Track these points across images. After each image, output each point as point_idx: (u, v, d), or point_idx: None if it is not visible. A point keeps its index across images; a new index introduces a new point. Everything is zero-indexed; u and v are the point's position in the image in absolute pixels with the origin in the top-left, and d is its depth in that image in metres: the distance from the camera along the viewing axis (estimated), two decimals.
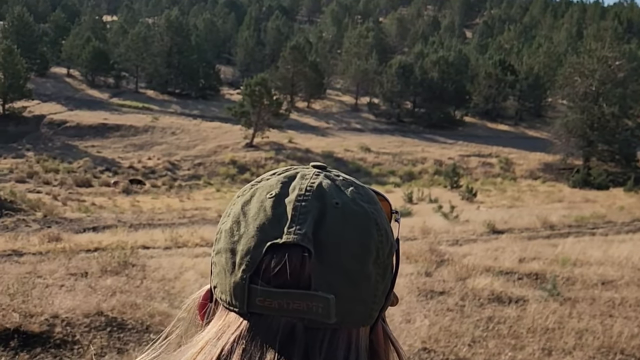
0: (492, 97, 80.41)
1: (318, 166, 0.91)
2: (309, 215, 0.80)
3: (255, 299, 0.79)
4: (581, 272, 10.88)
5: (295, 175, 0.88)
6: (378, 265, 0.82)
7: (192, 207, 32.08)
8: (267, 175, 0.91)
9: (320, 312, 0.77)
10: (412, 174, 57.32)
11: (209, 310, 0.89)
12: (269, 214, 0.82)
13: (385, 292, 0.86)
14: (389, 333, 0.90)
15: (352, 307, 0.80)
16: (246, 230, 0.82)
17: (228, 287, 0.82)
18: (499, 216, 21.93)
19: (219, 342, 0.80)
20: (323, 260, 0.78)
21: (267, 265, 0.79)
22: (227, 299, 0.82)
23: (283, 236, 0.79)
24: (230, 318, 0.82)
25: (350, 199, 0.84)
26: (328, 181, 0.86)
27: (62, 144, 62.02)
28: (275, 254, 0.78)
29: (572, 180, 50.74)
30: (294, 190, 0.84)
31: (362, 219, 0.82)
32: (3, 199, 26.65)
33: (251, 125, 63.69)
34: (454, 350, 6.65)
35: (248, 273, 0.79)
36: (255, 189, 0.87)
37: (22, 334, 6.59)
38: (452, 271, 10.80)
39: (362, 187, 0.89)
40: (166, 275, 10.78)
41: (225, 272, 0.83)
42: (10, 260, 12.81)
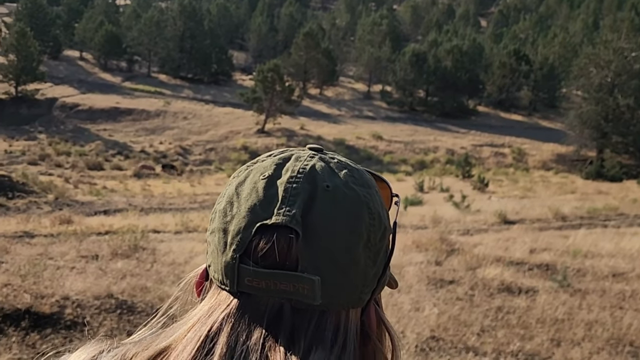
0: (506, 86, 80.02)
1: (314, 148, 0.91)
2: (299, 198, 0.80)
3: (244, 279, 0.79)
4: (592, 263, 10.85)
5: (290, 157, 0.88)
6: (369, 249, 0.82)
7: (203, 192, 32.14)
8: (263, 156, 0.92)
9: (306, 294, 0.77)
10: (424, 163, 57.25)
11: (205, 289, 0.90)
12: (261, 195, 0.82)
13: (378, 275, 0.85)
14: (382, 316, 0.90)
15: (340, 289, 0.80)
16: (238, 211, 0.82)
17: (220, 266, 0.83)
18: (510, 206, 21.86)
19: (208, 320, 0.80)
20: (310, 242, 0.78)
21: (256, 246, 0.79)
22: (219, 278, 0.83)
23: (272, 217, 0.79)
24: (222, 297, 0.83)
25: (342, 182, 0.83)
26: (322, 164, 0.86)
27: (74, 127, 62.25)
28: (264, 235, 0.79)
29: (585, 171, 50.54)
30: (286, 172, 0.84)
31: (353, 203, 0.82)
32: (15, 181, 26.78)
33: (263, 111, 63.74)
34: (463, 339, 6.64)
35: (238, 253, 0.80)
36: (250, 170, 0.88)
37: (33, 314, 6.63)
38: (462, 260, 10.79)
39: (357, 170, 0.88)
40: (176, 260, 10.83)
41: (217, 251, 0.83)
42: (22, 242, 12.88)
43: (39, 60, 71.16)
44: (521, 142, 66.32)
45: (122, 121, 65.15)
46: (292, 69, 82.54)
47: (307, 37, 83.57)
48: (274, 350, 0.76)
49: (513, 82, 79.68)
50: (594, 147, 58.54)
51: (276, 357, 0.75)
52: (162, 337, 0.82)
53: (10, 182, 26.25)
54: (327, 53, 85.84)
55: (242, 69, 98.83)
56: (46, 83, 71.81)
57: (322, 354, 0.77)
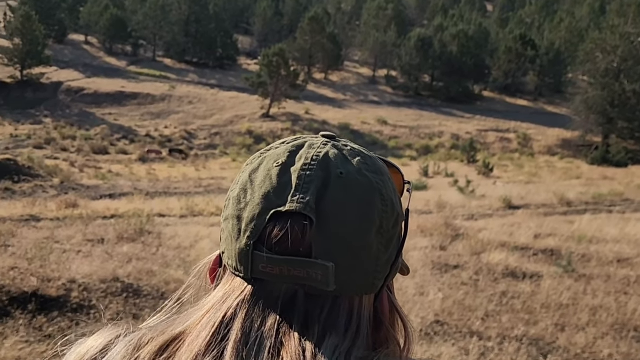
0: (512, 72, 79.82)
1: (327, 136, 0.91)
2: (313, 185, 0.81)
3: (258, 265, 0.80)
4: (597, 249, 10.85)
5: (304, 144, 0.88)
6: (381, 236, 0.82)
7: (208, 176, 32.17)
8: (277, 143, 0.92)
9: (319, 280, 0.78)
10: (429, 148, 57.20)
11: (219, 275, 0.90)
12: (275, 182, 0.82)
13: (390, 261, 0.86)
14: (395, 302, 0.91)
15: (353, 275, 0.80)
16: (252, 198, 0.83)
17: (234, 253, 0.83)
18: (515, 192, 21.85)
19: (223, 306, 0.81)
20: (324, 229, 0.79)
21: (270, 233, 0.80)
22: (233, 265, 0.84)
23: (286, 204, 0.80)
24: (236, 283, 0.84)
25: (355, 169, 0.84)
26: (335, 151, 0.86)
27: (80, 111, 62.29)
28: (278, 222, 0.80)
29: (591, 157, 50.47)
30: (300, 159, 0.84)
31: (366, 190, 0.82)
32: (21, 165, 26.82)
33: (268, 95, 63.70)
34: (467, 323, 6.66)
35: (252, 240, 0.80)
36: (264, 158, 0.88)
37: (40, 297, 6.66)
38: (467, 245, 10.80)
39: (370, 157, 0.89)
40: (182, 244, 10.86)
41: (231, 238, 0.84)
42: (29, 225, 12.93)
43: (44, 44, 71.13)
44: (527, 127, 66.19)
45: (128, 105, 65.17)
46: (297, 54, 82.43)
47: (313, 21, 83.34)
48: (289, 336, 0.76)
49: (519, 67, 79.45)
50: (599, 132, 58.41)
51: (291, 343, 0.76)
52: (177, 323, 0.83)
53: (16, 166, 26.30)
54: (333, 37, 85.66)
55: (247, 53, 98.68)
56: (51, 67, 71.83)
57: (336, 339, 0.77)
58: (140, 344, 0.80)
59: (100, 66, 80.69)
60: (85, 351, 0.84)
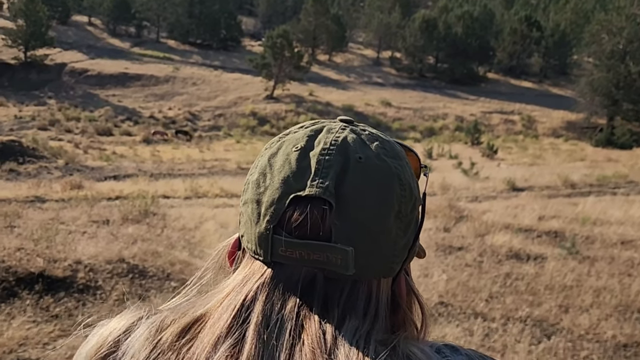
0: (517, 53, 79.53)
1: (345, 120, 0.92)
2: (332, 169, 0.81)
3: (278, 249, 0.80)
4: (601, 231, 10.86)
5: (322, 128, 0.88)
6: (400, 220, 0.83)
7: (212, 157, 32.19)
8: (295, 128, 0.92)
9: (339, 264, 0.78)
10: (433, 130, 57.13)
11: (237, 258, 0.91)
12: (294, 166, 0.83)
13: (408, 245, 0.87)
14: (412, 285, 0.92)
15: (372, 260, 0.81)
16: (271, 182, 0.84)
17: (253, 236, 0.84)
18: (519, 174, 21.84)
19: (243, 289, 0.82)
20: (343, 213, 0.79)
21: (290, 217, 0.80)
22: (252, 248, 0.85)
23: (306, 189, 0.80)
24: (255, 266, 0.84)
25: (374, 153, 0.84)
26: (353, 135, 0.86)
27: (84, 92, 62.26)
28: (297, 206, 0.80)
29: (595, 139, 50.37)
30: (319, 143, 0.85)
31: (385, 174, 0.83)
32: (26, 146, 26.87)
33: (272, 77, 63.57)
34: (471, 305, 6.69)
35: (272, 224, 0.81)
36: (282, 142, 0.89)
37: (47, 278, 6.70)
38: (471, 227, 10.81)
39: (388, 142, 0.89)
40: (186, 225, 10.89)
41: (251, 222, 0.85)
42: (34, 207, 12.97)
43: (48, 25, 70.98)
44: (531, 109, 66.04)
45: (131, 87, 65.10)
46: (301, 35, 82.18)
47: (317, 2, 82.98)
48: (309, 319, 0.77)
49: (524, 49, 79.17)
50: (604, 114, 58.25)
51: (311, 326, 0.77)
52: (198, 305, 0.84)
53: (21, 147, 26.35)
54: (337, 19, 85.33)
55: (251, 34, 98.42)
56: (55, 48, 71.71)
57: (356, 322, 0.78)
58: (162, 326, 0.81)
59: (103, 47, 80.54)
60: (109, 333, 0.84)
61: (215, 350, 0.76)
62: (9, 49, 68.98)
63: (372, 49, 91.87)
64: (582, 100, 59.47)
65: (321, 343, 0.75)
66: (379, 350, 0.76)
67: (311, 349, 0.74)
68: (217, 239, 9.60)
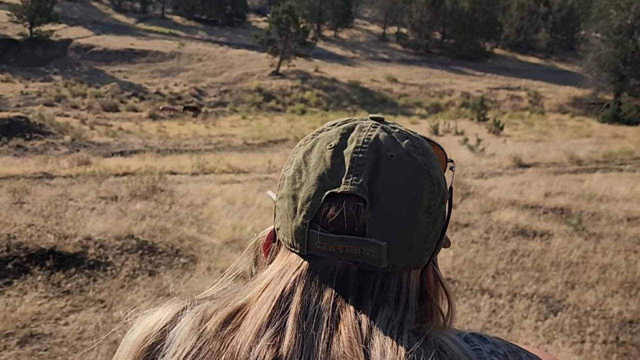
0: (524, 29, 79.01)
1: (376, 118, 0.95)
2: (365, 167, 0.85)
3: (314, 243, 0.84)
4: (607, 207, 10.87)
5: (354, 127, 0.92)
6: (429, 215, 0.87)
7: (218, 133, 32.17)
8: (327, 125, 0.95)
9: (373, 257, 0.82)
10: (439, 106, 56.91)
11: (272, 250, 0.96)
12: (328, 164, 0.87)
13: (436, 238, 0.90)
14: (439, 275, 0.96)
15: (403, 253, 0.85)
16: (307, 179, 0.87)
17: (290, 230, 0.88)
18: (525, 150, 21.81)
19: (282, 281, 0.86)
20: (377, 209, 0.83)
21: (325, 212, 0.84)
22: (288, 241, 0.89)
23: (341, 186, 0.84)
24: (292, 258, 0.88)
25: (404, 151, 0.88)
26: (384, 134, 0.90)
27: (89, 68, 62.17)
28: (333, 202, 0.84)
29: (602, 115, 50.12)
30: (352, 142, 0.88)
31: (415, 171, 0.86)
32: (32, 122, 26.92)
33: (277, 53, 63.35)
34: (478, 281, 6.74)
35: (308, 219, 0.85)
36: (316, 140, 0.92)
37: (57, 254, 6.77)
38: (477, 204, 10.84)
39: (417, 139, 0.92)
40: (194, 201, 10.94)
41: (287, 216, 0.89)
42: (42, 183, 13.04)
43: (53, 1, 70.66)
44: (538, 85, 65.75)
45: (137, 63, 64.97)
46: (306, 11, 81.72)
47: None
48: (345, 309, 0.81)
49: (531, 24, 78.63)
50: (611, 90, 57.89)
51: (347, 316, 0.80)
52: (239, 296, 0.88)
53: (28, 123, 26.42)
54: None
55: (257, 10, 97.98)
56: (60, 24, 71.49)
57: (389, 312, 0.82)
58: (205, 316, 0.84)
59: (109, 23, 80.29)
60: (155, 322, 0.88)
61: (257, 339, 0.80)
62: (15, 24, 68.80)
63: (378, 24, 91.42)
64: (589, 76, 59.09)
65: (357, 333, 0.79)
66: (412, 340, 0.79)
67: (348, 338, 0.78)
68: (225, 215, 9.67)
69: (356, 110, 51.82)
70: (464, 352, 0.80)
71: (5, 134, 24.02)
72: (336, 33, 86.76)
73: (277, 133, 31.97)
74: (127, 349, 0.88)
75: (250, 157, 19.81)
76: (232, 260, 6.90)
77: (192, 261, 7.19)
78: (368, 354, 0.77)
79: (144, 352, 0.86)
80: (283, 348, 0.78)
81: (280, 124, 39.50)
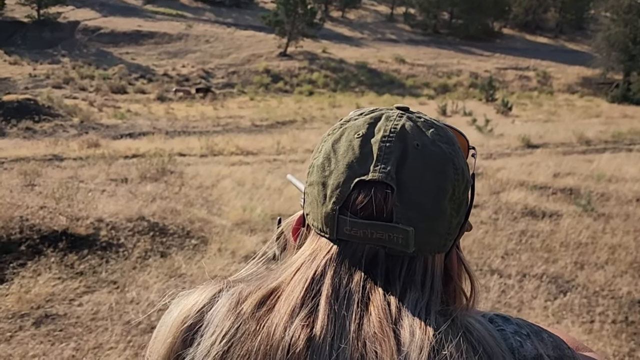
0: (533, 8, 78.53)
1: (401, 108, 0.99)
2: (392, 156, 0.89)
3: (343, 228, 0.89)
4: (616, 188, 10.87)
5: (381, 116, 0.96)
6: (453, 202, 0.91)
7: (226, 115, 32.14)
8: (355, 114, 1.00)
9: (400, 242, 0.86)
10: (447, 87, 56.67)
11: (301, 234, 1.01)
12: (357, 152, 0.91)
13: (460, 224, 0.95)
14: (462, 258, 1.00)
15: (429, 238, 0.89)
16: (336, 167, 0.91)
17: (319, 216, 0.93)
18: (534, 130, 21.75)
19: (313, 264, 0.90)
20: (404, 196, 0.87)
21: (354, 199, 0.89)
22: (318, 226, 0.93)
23: (369, 174, 0.88)
24: (322, 243, 0.93)
25: (430, 140, 0.91)
26: (410, 123, 0.94)
27: (97, 50, 62.09)
28: (362, 189, 0.88)
29: (611, 95, 49.86)
30: (379, 131, 0.92)
31: (440, 160, 0.90)
32: (41, 105, 26.97)
33: (285, 34, 63.12)
34: (487, 262, 6.77)
35: (338, 205, 0.89)
36: (344, 129, 0.96)
37: (70, 236, 6.83)
38: (486, 185, 10.86)
39: (442, 128, 0.96)
40: (204, 183, 10.99)
41: (317, 202, 0.93)
42: (52, 165, 13.11)
43: None
44: (546, 65, 65.40)
45: (144, 44, 64.85)
46: None
47: None
48: (374, 291, 0.86)
49: (540, 4, 78.16)
50: (620, 70, 57.51)
51: (377, 298, 0.85)
52: (271, 278, 0.92)
53: (36, 105, 26.46)
54: None
55: None
56: (67, 6, 71.29)
57: (416, 294, 0.86)
58: (241, 298, 0.88)
59: (116, 5, 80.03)
60: (192, 304, 0.92)
61: (291, 320, 0.83)
62: (22, 7, 68.66)
63: (385, 4, 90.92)
64: (598, 56, 58.73)
65: (387, 313, 0.83)
66: (439, 321, 0.83)
67: (378, 319, 0.82)
68: (235, 197, 9.72)
69: (364, 92, 51.72)
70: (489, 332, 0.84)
71: (14, 116, 24.09)
72: (344, 14, 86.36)
73: (285, 114, 31.93)
74: (166, 330, 0.91)
75: (258, 139, 19.82)
76: (243, 241, 6.95)
77: (203, 242, 7.24)
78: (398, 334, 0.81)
79: (182, 333, 0.89)
80: (316, 328, 0.82)
81: (288, 105, 39.44)
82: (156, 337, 0.93)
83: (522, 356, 0.84)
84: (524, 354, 0.84)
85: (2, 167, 12.64)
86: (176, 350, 0.89)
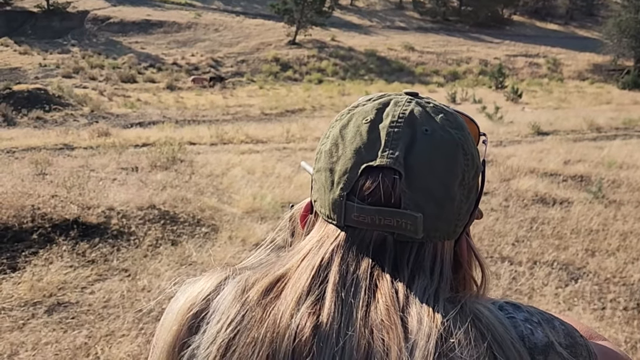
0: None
1: (410, 93, 0.97)
2: (401, 141, 0.87)
3: (351, 214, 0.87)
4: (627, 175, 10.82)
5: (389, 102, 0.94)
6: (463, 187, 0.89)
7: (236, 103, 32.15)
8: (363, 100, 0.98)
9: (409, 228, 0.85)
10: (456, 74, 56.53)
11: (309, 221, 1.00)
12: (365, 138, 0.89)
13: (470, 210, 0.93)
14: (472, 245, 0.98)
15: (438, 224, 0.87)
16: (344, 153, 0.90)
17: (327, 202, 0.91)
18: (544, 118, 21.66)
19: (320, 251, 0.89)
20: (412, 182, 0.85)
21: (362, 185, 0.87)
22: (326, 213, 0.92)
23: (377, 159, 0.86)
24: (329, 229, 0.91)
25: (439, 125, 0.90)
26: (419, 108, 0.92)
27: (106, 39, 62.20)
28: (369, 175, 0.87)
29: (622, 81, 49.58)
30: (387, 116, 0.91)
31: (449, 145, 0.88)
32: (51, 94, 27.04)
33: (294, 22, 63.07)
34: (498, 249, 6.76)
35: (345, 191, 0.88)
36: (352, 114, 0.95)
37: (81, 224, 6.86)
38: (496, 172, 10.83)
39: (451, 114, 0.94)
40: (214, 171, 11.00)
41: (324, 189, 0.92)
42: (63, 154, 13.15)
43: None
44: (556, 52, 65.12)
45: (154, 34, 64.91)
46: None
47: None
48: (382, 278, 0.84)
49: None
50: (631, 56, 57.24)
51: (384, 285, 0.83)
52: (278, 265, 0.91)
53: (47, 95, 26.54)
54: None
55: None
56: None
57: (424, 281, 0.85)
58: (247, 285, 0.87)
59: None
60: (199, 290, 0.91)
61: (298, 307, 0.82)
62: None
63: None
64: (608, 42, 58.43)
65: (394, 301, 0.82)
66: (447, 308, 0.82)
67: (385, 306, 0.81)
68: (245, 185, 9.73)
69: (373, 80, 51.64)
70: (498, 320, 0.83)
71: (25, 106, 24.20)
72: (353, 1, 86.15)
73: (294, 103, 31.90)
74: (172, 317, 0.91)
75: (268, 127, 19.81)
76: (253, 229, 6.97)
77: (213, 230, 7.25)
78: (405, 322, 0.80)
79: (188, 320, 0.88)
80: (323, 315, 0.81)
81: (297, 93, 39.40)
82: (162, 325, 0.92)
83: (533, 344, 0.83)
84: (535, 341, 0.83)
85: (13, 157, 12.70)
86: (182, 338, 0.88)
